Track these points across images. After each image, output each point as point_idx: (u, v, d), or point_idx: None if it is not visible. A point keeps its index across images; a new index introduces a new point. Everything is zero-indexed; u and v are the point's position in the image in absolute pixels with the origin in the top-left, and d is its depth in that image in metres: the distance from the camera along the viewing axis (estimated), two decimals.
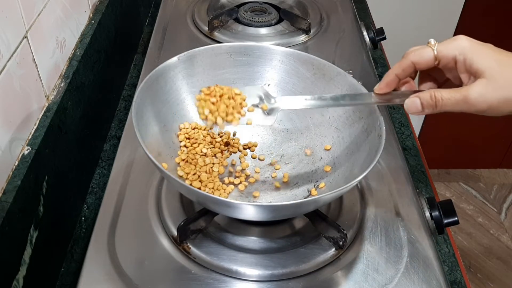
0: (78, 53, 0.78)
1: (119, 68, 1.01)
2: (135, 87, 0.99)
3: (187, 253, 0.60)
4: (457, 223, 0.69)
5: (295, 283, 0.59)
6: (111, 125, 0.92)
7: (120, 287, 0.57)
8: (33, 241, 0.60)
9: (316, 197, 0.59)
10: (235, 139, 0.71)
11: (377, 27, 1.10)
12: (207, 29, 1.01)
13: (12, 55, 0.59)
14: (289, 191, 0.66)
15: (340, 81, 0.67)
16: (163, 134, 0.66)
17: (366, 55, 0.99)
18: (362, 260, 0.61)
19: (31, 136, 0.64)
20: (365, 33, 1.06)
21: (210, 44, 0.81)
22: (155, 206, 0.66)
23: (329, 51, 0.98)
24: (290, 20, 1.04)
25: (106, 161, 0.86)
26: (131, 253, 0.61)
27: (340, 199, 0.67)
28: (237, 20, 1.04)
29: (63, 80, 0.73)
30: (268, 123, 0.64)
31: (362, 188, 0.70)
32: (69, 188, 0.73)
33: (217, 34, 1.00)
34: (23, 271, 0.58)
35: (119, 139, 0.80)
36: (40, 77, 0.67)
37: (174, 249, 0.61)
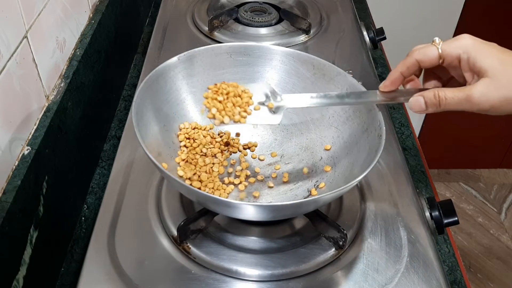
0: (78, 53, 0.78)
1: (119, 68, 1.01)
2: (135, 87, 0.99)
3: (187, 253, 0.60)
4: (457, 223, 0.69)
5: (295, 283, 0.59)
6: (111, 125, 0.92)
7: (120, 287, 0.57)
8: (33, 241, 0.60)
9: (316, 197, 0.59)
10: (235, 139, 0.71)
11: (377, 27, 1.10)
12: (207, 29, 1.01)
13: (12, 55, 0.59)
14: (289, 191, 0.66)
15: (340, 81, 0.67)
16: (163, 134, 0.66)
17: (366, 55, 0.99)
18: (362, 260, 0.61)
19: (31, 136, 0.64)
20: (365, 33, 1.06)
21: (210, 44, 0.82)
22: (155, 206, 0.66)
23: (329, 51, 0.98)
24: (290, 20, 1.04)
25: (106, 161, 0.86)
26: (131, 253, 0.61)
27: (340, 199, 0.67)
28: (237, 20, 1.04)
29: (63, 80, 0.73)
30: (274, 122, 0.64)
31: (362, 188, 0.70)
32: (69, 188, 0.73)
33: (217, 34, 1.00)
34: (23, 271, 0.58)
35: (119, 139, 0.80)
36: (40, 77, 0.67)
37: (174, 249, 0.61)
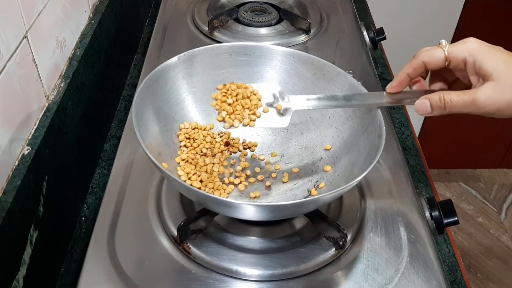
0: (78, 53, 0.78)
1: (119, 68, 1.01)
2: (135, 87, 0.99)
3: (187, 253, 0.60)
4: (457, 223, 0.69)
5: (295, 283, 0.59)
6: (111, 125, 0.92)
7: (120, 287, 0.57)
8: (33, 241, 0.60)
9: (316, 197, 0.59)
10: (235, 139, 0.71)
11: (377, 27, 1.10)
12: (207, 29, 1.01)
13: (12, 55, 0.59)
14: (289, 191, 0.66)
15: (340, 81, 0.67)
16: (163, 134, 0.66)
17: (366, 55, 0.99)
18: (362, 260, 0.61)
19: (31, 136, 0.64)
20: (365, 33, 1.06)
21: (210, 44, 0.81)
22: (155, 206, 0.66)
23: (329, 51, 0.98)
24: (290, 20, 1.04)
25: (106, 161, 0.86)
26: (131, 253, 0.61)
27: (340, 199, 0.67)
28: (237, 20, 1.04)
29: (63, 80, 0.73)
30: (283, 125, 0.65)
31: (362, 188, 0.70)
32: (69, 188, 0.73)
33: (217, 34, 1.00)
34: (23, 271, 0.58)
35: (119, 139, 0.80)
36: (40, 77, 0.67)
37: (174, 249, 0.61)
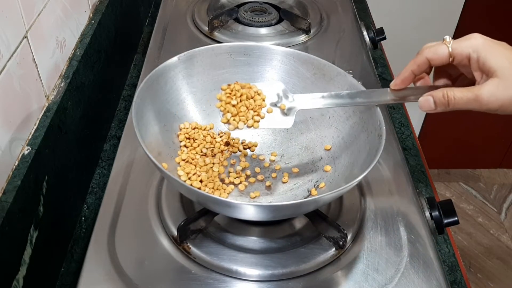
0: (78, 53, 0.78)
1: (119, 68, 1.01)
2: (135, 87, 0.99)
3: (187, 253, 0.60)
4: (457, 223, 0.69)
5: (295, 283, 0.59)
6: (111, 125, 0.92)
7: (120, 287, 0.57)
8: (33, 241, 0.60)
9: (316, 197, 0.59)
10: (235, 139, 0.71)
11: (377, 27, 1.10)
12: (207, 29, 1.01)
13: (12, 55, 0.59)
14: (289, 191, 0.66)
15: (340, 81, 0.67)
16: (163, 134, 0.66)
17: (366, 55, 0.99)
18: (362, 260, 0.61)
19: (31, 136, 0.64)
20: (365, 33, 1.06)
21: (210, 44, 0.82)
22: (155, 206, 0.66)
23: (329, 51, 0.98)
24: (290, 20, 1.04)
25: (106, 161, 0.86)
26: (131, 253, 0.61)
27: (340, 199, 0.67)
28: (237, 20, 1.04)
29: (63, 80, 0.73)
30: (287, 126, 0.65)
31: (362, 188, 0.70)
32: (69, 188, 0.73)
33: (217, 34, 1.00)
34: (23, 271, 0.58)
35: (119, 139, 0.80)
36: (40, 77, 0.67)
37: (174, 249, 0.61)
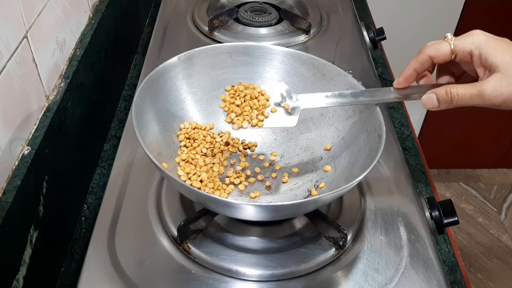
0: (78, 53, 0.78)
1: (119, 68, 1.01)
2: (135, 87, 0.99)
3: (187, 253, 0.60)
4: (457, 223, 0.69)
5: (295, 283, 0.59)
6: (111, 125, 0.92)
7: (120, 287, 0.57)
8: (33, 241, 0.60)
9: (316, 197, 0.59)
10: (235, 139, 0.71)
11: (377, 27, 1.10)
12: (207, 29, 1.01)
13: (12, 55, 0.59)
14: (289, 191, 0.66)
15: (340, 81, 0.67)
16: (163, 134, 0.66)
17: (366, 55, 0.99)
18: (362, 260, 0.61)
19: (31, 136, 0.64)
20: (365, 33, 1.06)
21: (210, 44, 0.82)
22: (155, 206, 0.66)
23: (329, 51, 0.98)
24: (290, 20, 1.04)
25: (106, 161, 0.86)
26: (131, 253, 0.61)
27: (340, 199, 0.67)
28: (237, 20, 1.04)
29: (63, 80, 0.73)
30: (291, 124, 0.65)
31: (362, 188, 0.70)
32: (69, 188, 0.73)
33: (217, 34, 1.00)
34: (23, 271, 0.58)
35: (119, 139, 0.80)
36: (40, 77, 0.67)
37: (174, 249, 0.61)
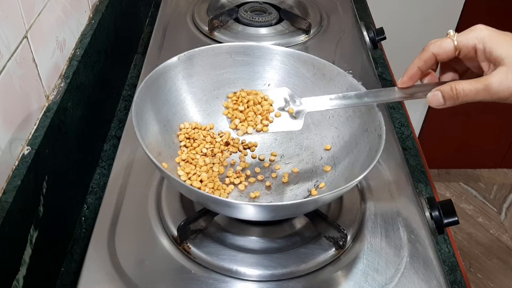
0: (78, 53, 0.78)
1: (119, 68, 1.01)
2: (135, 87, 0.99)
3: (187, 253, 0.60)
4: (457, 223, 0.69)
5: (295, 283, 0.59)
6: (111, 125, 0.92)
7: (120, 287, 0.57)
8: (33, 241, 0.60)
9: (316, 197, 0.59)
10: (235, 139, 0.71)
11: (377, 27, 1.10)
12: (207, 29, 1.01)
13: (12, 55, 0.59)
14: (289, 191, 0.66)
15: (340, 81, 0.67)
16: (163, 134, 0.66)
17: (366, 55, 0.99)
18: (362, 260, 0.61)
19: (31, 136, 0.64)
20: (365, 33, 1.06)
21: (210, 44, 0.82)
22: (155, 206, 0.66)
23: (329, 51, 0.98)
24: (290, 20, 1.04)
25: (106, 161, 0.86)
26: (131, 253, 0.61)
27: (340, 199, 0.67)
28: (237, 20, 1.04)
29: (63, 80, 0.73)
30: (296, 128, 0.65)
31: (362, 188, 0.70)
32: (69, 188, 0.73)
33: (217, 34, 1.00)
34: (23, 271, 0.58)
35: (119, 139, 0.80)
36: (40, 77, 0.67)
37: (174, 249, 0.61)
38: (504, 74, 0.50)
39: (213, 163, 0.67)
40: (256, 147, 0.72)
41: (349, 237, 0.62)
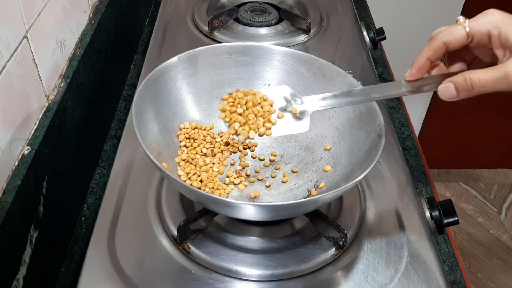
0: (78, 53, 0.78)
1: (119, 68, 1.01)
2: (135, 87, 0.99)
3: (187, 253, 0.60)
4: (457, 223, 0.69)
5: (295, 283, 0.59)
6: (111, 125, 0.92)
7: (120, 287, 0.57)
8: (33, 241, 0.60)
9: (316, 197, 0.59)
10: (235, 139, 0.71)
11: (377, 27, 1.10)
12: (207, 29, 1.01)
13: (12, 55, 0.59)
14: (289, 191, 0.66)
15: (340, 81, 0.67)
16: (163, 134, 0.66)
17: (366, 55, 0.99)
18: (362, 260, 0.61)
19: (31, 136, 0.64)
20: (365, 33, 1.06)
21: (210, 44, 0.82)
22: (155, 206, 0.66)
23: (329, 51, 0.98)
24: (290, 20, 1.04)
25: (106, 161, 0.86)
26: (131, 253, 0.61)
27: (340, 199, 0.67)
28: (237, 20, 1.04)
29: (63, 80, 0.73)
30: (303, 130, 0.62)
31: (362, 188, 0.70)
32: (69, 188, 0.73)
33: (217, 34, 1.00)
34: (23, 271, 0.58)
35: (119, 139, 0.80)
36: (40, 77, 0.67)
37: (174, 249, 0.61)
38: None
39: (213, 163, 0.67)
40: (256, 147, 0.72)
41: (349, 237, 0.62)
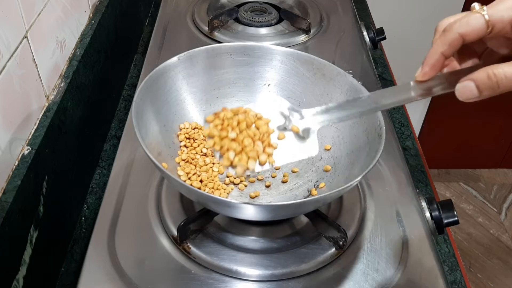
0: (78, 53, 0.78)
1: (119, 68, 1.01)
2: (135, 87, 0.99)
3: (187, 253, 0.60)
4: (457, 223, 0.69)
5: (295, 283, 0.59)
6: (111, 125, 0.92)
7: (120, 287, 0.57)
8: (33, 241, 0.60)
9: (316, 197, 0.59)
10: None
11: (377, 27, 1.10)
12: (207, 29, 1.01)
13: (12, 55, 0.59)
14: (289, 191, 0.66)
15: (340, 81, 0.67)
16: (163, 134, 0.66)
17: (366, 55, 0.99)
18: (362, 260, 0.61)
19: (31, 136, 0.64)
20: (365, 33, 1.06)
21: (210, 44, 0.82)
22: (155, 206, 0.66)
23: (329, 51, 0.98)
24: (290, 20, 1.04)
25: (106, 161, 0.86)
26: (131, 253, 0.61)
27: (340, 199, 0.67)
28: (237, 20, 1.04)
29: (63, 80, 0.73)
30: (312, 153, 0.54)
31: (362, 188, 0.70)
32: (69, 188, 0.73)
33: (217, 34, 1.00)
34: (23, 271, 0.58)
35: (119, 139, 0.80)
36: (40, 77, 0.67)
37: (174, 249, 0.61)
38: None
39: (213, 163, 0.67)
40: None
41: (349, 237, 0.62)
